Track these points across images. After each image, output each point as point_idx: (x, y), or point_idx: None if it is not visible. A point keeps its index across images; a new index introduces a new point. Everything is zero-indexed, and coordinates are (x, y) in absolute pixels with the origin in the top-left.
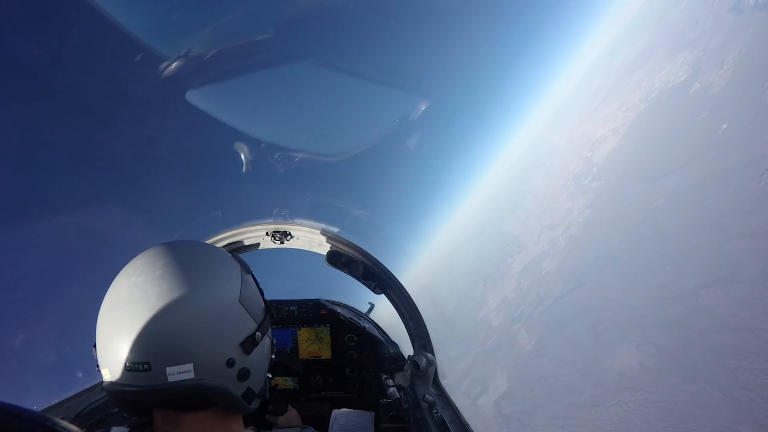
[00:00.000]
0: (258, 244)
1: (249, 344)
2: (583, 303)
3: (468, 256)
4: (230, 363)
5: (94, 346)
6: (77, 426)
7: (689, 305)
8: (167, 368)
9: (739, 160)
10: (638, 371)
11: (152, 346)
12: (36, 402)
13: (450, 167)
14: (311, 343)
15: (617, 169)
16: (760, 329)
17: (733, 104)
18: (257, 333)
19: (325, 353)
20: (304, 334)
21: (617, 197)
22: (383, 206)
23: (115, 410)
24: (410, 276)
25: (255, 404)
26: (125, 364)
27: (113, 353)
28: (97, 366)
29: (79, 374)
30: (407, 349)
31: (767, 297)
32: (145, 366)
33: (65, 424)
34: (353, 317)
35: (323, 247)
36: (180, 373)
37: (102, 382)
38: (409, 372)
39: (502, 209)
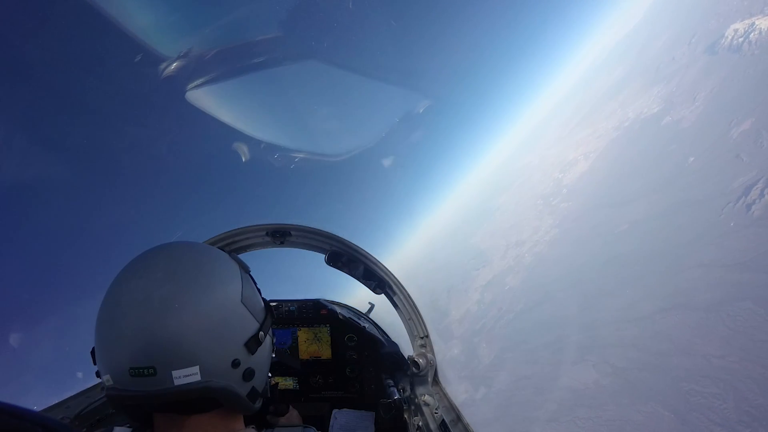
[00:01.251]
0: (258, 244)
1: (253, 344)
2: (543, 320)
3: (434, 267)
4: (235, 364)
5: (93, 350)
6: (77, 426)
7: (646, 328)
8: (173, 372)
9: (703, 193)
10: (594, 390)
11: (157, 350)
12: (36, 402)
13: (423, 178)
14: (311, 343)
15: (586, 192)
16: (713, 355)
17: (701, 139)
18: (260, 332)
19: (325, 353)
20: (304, 334)
21: (584, 219)
22: (357, 209)
23: (114, 410)
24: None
25: (258, 403)
26: (129, 369)
27: (116, 358)
28: (97, 371)
29: (79, 374)
30: (407, 349)
31: (720, 325)
32: (151, 371)
33: (65, 424)
34: (353, 317)
35: (323, 247)
36: (186, 376)
37: (102, 381)
38: (409, 372)
39: (471, 223)
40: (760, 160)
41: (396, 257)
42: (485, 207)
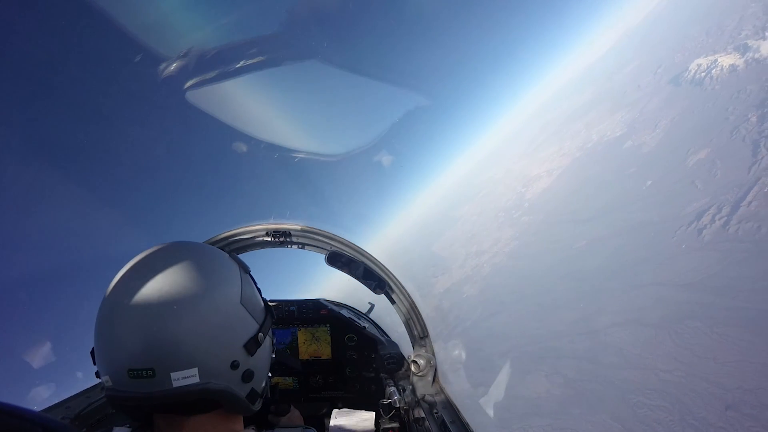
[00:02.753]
0: (258, 244)
1: (252, 345)
2: (499, 330)
3: (393, 272)
4: (234, 365)
5: (92, 350)
6: (77, 426)
7: (598, 341)
8: (172, 374)
9: (658, 215)
10: (546, 399)
11: (155, 352)
12: (36, 402)
13: (388, 184)
14: (311, 343)
15: (547, 207)
16: (661, 369)
17: (659, 164)
18: (259, 334)
19: (325, 353)
20: (304, 334)
21: (543, 234)
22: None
23: (114, 411)
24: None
25: (258, 404)
26: (128, 370)
27: (115, 360)
28: (97, 372)
29: (79, 374)
30: (407, 349)
31: (669, 341)
32: (149, 372)
33: (65, 424)
34: (353, 317)
35: (323, 247)
36: (185, 378)
37: (101, 382)
38: (409, 372)
39: (432, 230)
40: (713, 188)
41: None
42: (448, 216)
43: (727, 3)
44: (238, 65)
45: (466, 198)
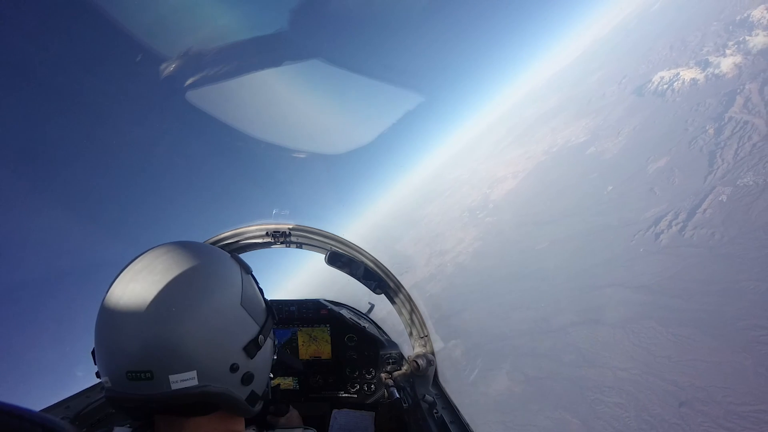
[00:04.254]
0: (258, 245)
1: (252, 348)
2: (461, 328)
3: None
4: (234, 368)
5: (93, 351)
6: (77, 426)
7: (558, 340)
8: (170, 376)
9: (618, 219)
10: (507, 396)
11: (154, 354)
12: (36, 402)
13: (355, 181)
14: (311, 343)
15: (511, 208)
16: (618, 367)
17: (620, 171)
18: (260, 336)
19: (325, 353)
20: (304, 334)
21: (507, 234)
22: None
23: (114, 410)
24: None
25: (258, 406)
26: (126, 372)
27: (113, 361)
28: (97, 372)
29: (79, 374)
30: (407, 349)
31: (626, 340)
32: (148, 375)
33: (65, 424)
34: (353, 317)
35: (323, 247)
36: (183, 380)
37: (101, 382)
38: (409, 372)
39: (397, 228)
40: (670, 194)
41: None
42: (413, 214)
43: (691, 20)
44: (238, 66)
45: (431, 197)
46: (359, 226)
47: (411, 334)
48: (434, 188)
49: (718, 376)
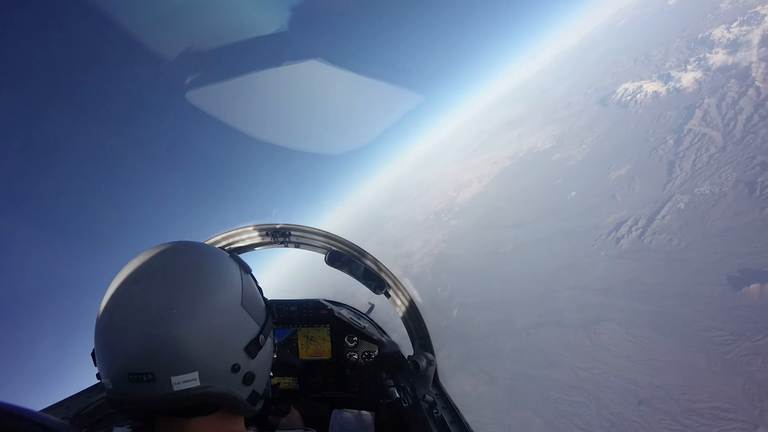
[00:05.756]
0: (258, 245)
1: (253, 348)
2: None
3: (320, 270)
4: (235, 368)
5: (93, 352)
6: (77, 426)
7: (522, 341)
8: (172, 378)
9: (580, 224)
10: (472, 397)
11: (155, 356)
12: (36, 402)
13: (322, 182)
14: (311, 343)
15: (476, 212)
16: (579, 367)
17: (583, 177)
18: (260, 336)
19: (325, 353)
20: (304, 334)
21: (472, 237)
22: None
23: (114, 411)
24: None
25: (259, 405)
26: (128, 374)
27: (114, 363)
28: (98, 373)
29: (79, 374)
30: (407, 349)
31: (587, 341)
32: (149, 376)
33: (65, 424)
34: (353, 317)
35: (323, 247)
36: (185, 382)
37: (101, 383)
38: (409, 372)
39: (363, 230)
40: (631, 201)
41: (284, 257)
42: (379, 216)
43: (655, 36)
44: (238, 66)
45: (397, 199)
46: (325, 227)
47: (411, 334)
48: (400, 191)
49: (676, 375)
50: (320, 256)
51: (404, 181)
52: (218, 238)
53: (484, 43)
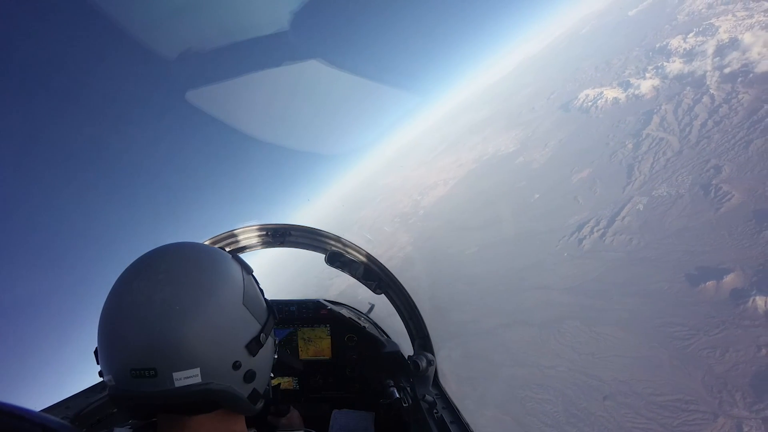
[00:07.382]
0: (258, 245)
1: (254, 346)
2: (392, 330)
3: (289, 274)
4: (236, 366)
5: (96, 350)
6: (77, 426)
7: (489, 341)
8: (174, 374)
9: (544, 225)
10: None
11: (158, 352)
12: (36, 402)
13: (287, 185)
14: (311, 343)
15: (442, 214)
16: (545, 366)
17: (546, 180)
18: (261, 334)
19: (325, 353)
20: (304, 334)
21: (437, 239)
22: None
23: (115, 410)
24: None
25: (260, 405)
26: (130, 370)
27: (117, 359)
28: (100, 371)
29: (79, 374)
30: (407, 349)
31: (552, 339)
32: (151, 372)
33: (65, 424)
34: (353, 317)
35: (323, 247)
36: (187, 378)
37: (102, 382)
38: (409, 372)
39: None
40: (592, 203)
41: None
42: (345, 219)
43: (615, 45)
44: (238, 67)
45: (363, 202)
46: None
47: (411, 334)
48: (366, 194)
49: (638, 370)
50: (320, 256)
51: (368, 185)
52: (219, 238)
53: (450, 48)
